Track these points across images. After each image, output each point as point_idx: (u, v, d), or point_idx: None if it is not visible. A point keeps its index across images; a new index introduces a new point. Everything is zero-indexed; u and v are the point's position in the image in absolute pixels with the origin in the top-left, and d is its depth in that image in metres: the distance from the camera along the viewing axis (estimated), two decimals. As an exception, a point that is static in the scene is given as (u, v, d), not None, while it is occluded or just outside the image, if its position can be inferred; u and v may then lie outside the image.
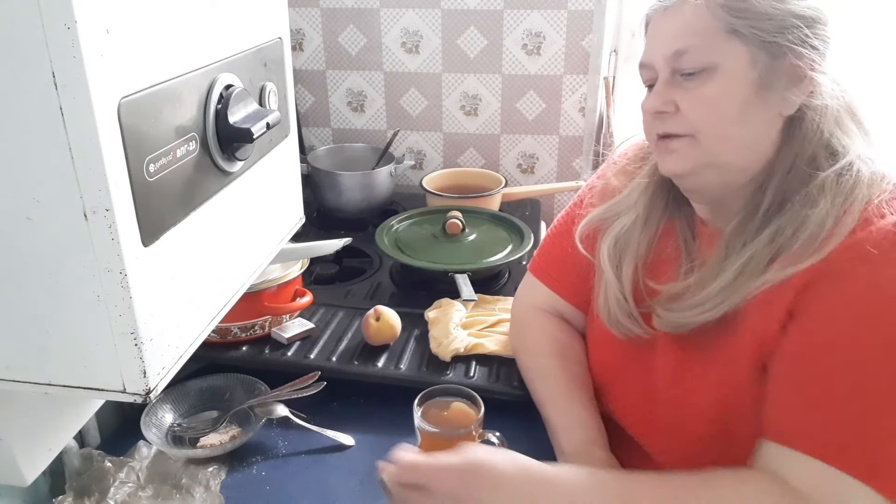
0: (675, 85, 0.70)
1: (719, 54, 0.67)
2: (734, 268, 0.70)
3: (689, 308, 0.73)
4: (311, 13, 1.60)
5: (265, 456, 0.89)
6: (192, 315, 0.60)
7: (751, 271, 0.69)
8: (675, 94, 0.70)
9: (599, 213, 0.86)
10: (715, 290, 0.71)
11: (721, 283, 0.71)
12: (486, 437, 0.80)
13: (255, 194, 0.71)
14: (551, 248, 0.97)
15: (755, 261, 0.69)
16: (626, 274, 0.81)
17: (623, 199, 0.85)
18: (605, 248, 0.83)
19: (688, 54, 0.68)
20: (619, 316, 0.81)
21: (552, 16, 1.51)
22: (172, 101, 0.53)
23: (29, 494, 0.82)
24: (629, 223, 0.82)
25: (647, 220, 0.82)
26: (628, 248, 0.82)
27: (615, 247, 0.83)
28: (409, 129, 1.69)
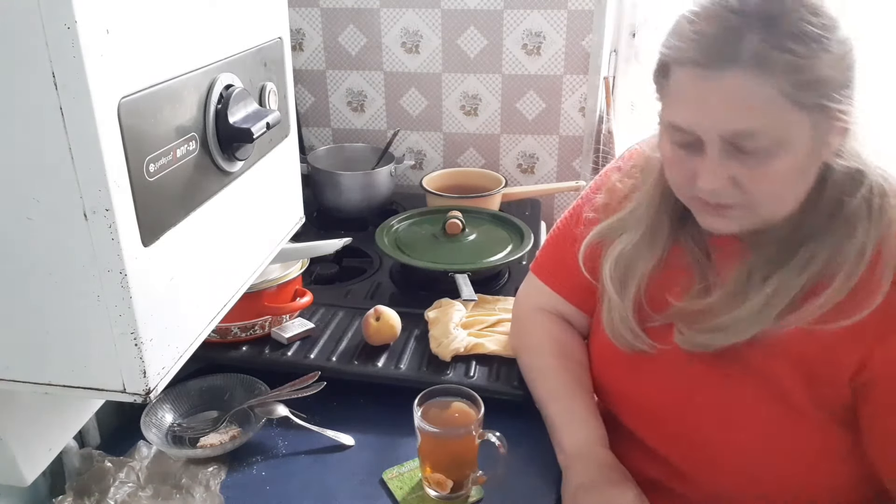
0: (730, 156, 0.65)
1: (785, 130, 0.63)
2: (763, 294, 0.70)
3: (715, 330, 0.73)
4: (311, 13, 1.60)
5: (265, 456, 0.89)
6: (192, 315, 0.60)
7: (781, 299, 0.69)
8: (732, 169, 0.65)
9: (602, 229, 0.84)
10: (744, 316, 0.70)
11: (750, 308, 0.70)
12: (486, 437, 0.81)
13: (255, 194, 0.71)
14: (554, 249, 0.97)
15: (787, 289, 0.69)
16: (630, 293, 0.80)
17: (626, 215, 0.82)
18: (608, 266, 0.82)
19: (754, 137, 0.63)
20: (623, 333, 0.80)
21: (552, 16, 1.51)
22: (172, 101, 0.53)
23: (29, 494, 0.82)
24: (633, 241, 0.80)
25: (654, 239, 0.79)
26: (632, 267, 0.80)
27: (617, 265, 0.81)
28: (409, 129, 1.69)
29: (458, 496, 0.82)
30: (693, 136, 0.66)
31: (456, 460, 0.82)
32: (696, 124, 0.65)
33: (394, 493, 0.83)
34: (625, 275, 0.81)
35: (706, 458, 0.79)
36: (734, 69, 0.61)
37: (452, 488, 0.81)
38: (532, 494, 0.84)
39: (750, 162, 0.64)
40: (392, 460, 0.88)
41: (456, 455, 0.82)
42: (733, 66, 0.61)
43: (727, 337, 0.72)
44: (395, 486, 0.84)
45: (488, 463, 0.83)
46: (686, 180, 0.70)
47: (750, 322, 0.70)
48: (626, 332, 0.80)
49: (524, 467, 0.86)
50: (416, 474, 0.85)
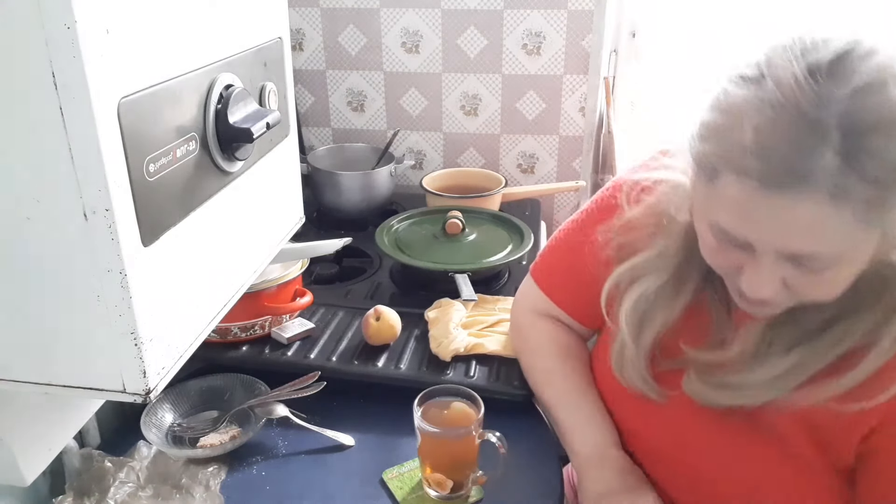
0: (782, 262, 0.59)
1: (853, 247, 0.57)
2: (785, 363, 0.66)
3: (725, 387, 0.70)
4: (311, 13, 1.60)
5: (265, 456, 0.89)
6: (192, 315, 0.60)
7: (802, 373, 0.65)
8: (785, 272, 0.60)
9: (623, 272, 0.78)
10: (758, 381, 0.67)
11: (766, 374, 0.66)
12: (486, 437, 0.81)
13: (255, 194, 0.71)
14: (558, 261, 0.94)
15: (811, 363, 0.65)
16: (646, 341, 0.76)
17: (651, 258, 0.75)
18: (626, 309, 0.76)
19: (818, 258, 0.57)
20: (632, 377, 0.77)
21: (552, 16, 1.51)
22: (172, 101, 0.53)
23: (29, 494, 0.82)
24: (656, 287, 0.75)
25: (679, 288, 0.74)
26: (651, 314, 0.75)
27: (635, 309, 0.76)
28: (409, 129, 1.69)
29: (458, 496, 0.82)
30: (744, 242, 0.60)
31: (456, 460, 0.82)
32: (750, 237, 0.59)
33: (394, 493, 0.83)
34: (642, 321, 0.76)
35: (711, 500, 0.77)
36: (804, 193, 0.53)
37: (452, 488, 0.81)
38: (532, 494, 0.84)
39: (808, 270, 0.58)
40: (392, 460, 0.88)
41: (456, 455, 0.82)
42: (803, 190, 0.53)
43: (734, 398, 0.69)
44: (395, 486, 0.84)
45: (488, 463, 0.83)
46: (729, 270, 0.64)
47: (762, 389, 0.67)
48: (636, 377, 0.77)
49: (524, 467, 0.86)
50: (416, 474, 0.85)
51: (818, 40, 0.55)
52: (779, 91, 0.54)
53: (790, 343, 0.67)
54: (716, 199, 0.60)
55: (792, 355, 0.66)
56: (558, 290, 0.93)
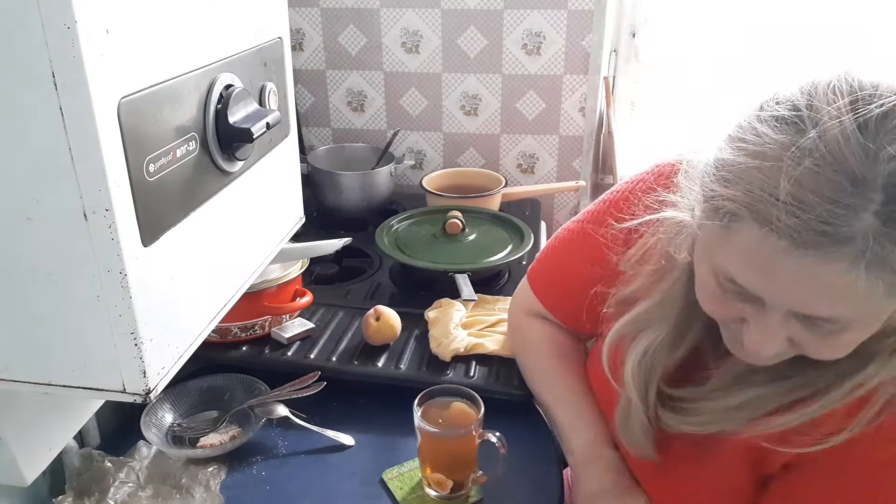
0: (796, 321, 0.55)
1: (874, 315, 0.53)
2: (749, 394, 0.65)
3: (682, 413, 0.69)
4: (311, 13, 1.60)
5: (265, 456, 0.89)
6: (192, 315, 0.60)
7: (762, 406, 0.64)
8: (793, 330, 0.56)
9: (624, 325, 0.74)
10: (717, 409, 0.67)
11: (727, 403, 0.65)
12: (486, 437, 0.81)
13: (255, 194, 0.71)
14: (554, 269, 0.93)
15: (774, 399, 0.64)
16: (652, 395, 0.72)
17: (651, 308, 0.71)
18: (630, 369, 0.72)
19: (836, 322, 0.53)
20: (640, 439, 0.73)
21: (552, 16, 1.51)
22: (172, 101, 0.53)
23: (29, 494, 0.82)
24: (658, 339, 0.70)
25: (682, 339, 0.70)
26: (655, 368, 0.71)
27: (640, 365, 0.71)
28: (409, 129, 1.69)
29: (458, 496, 0.82)
30: (753, 296, 0.55)
31: (456, 460, 0.82)
32: (764, 293, 0.54)
33: (394, 493, 0.83)
34: (649, 374, 0.71)
35: None
36: (834, 255, 0.48)
37: (452, 488, 0.81)
38: (532, 494, 0.84)
39: (818, 332, 0.55)
40: (392, 460, 0.88)
41: (456, 455, 0.82)
42: (834, 251, 0.48)
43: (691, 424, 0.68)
44: (395, 486, 0.84)
45: (488, 463, 0.83)
46: (731, 317, 0.60)
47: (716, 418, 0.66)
48: (643, 438, 0.73)
49: (524, 467, 0.86)
50: (416, 474, 0.85)
51: (866, 84, 0.50)
52: (823, 143, 0.48)
53: (758, 382, 0.65)
54: (729, 246, 0.55)
55: (755, 389, 0.64)
56: (552, 298, 0.93)
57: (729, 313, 0.59)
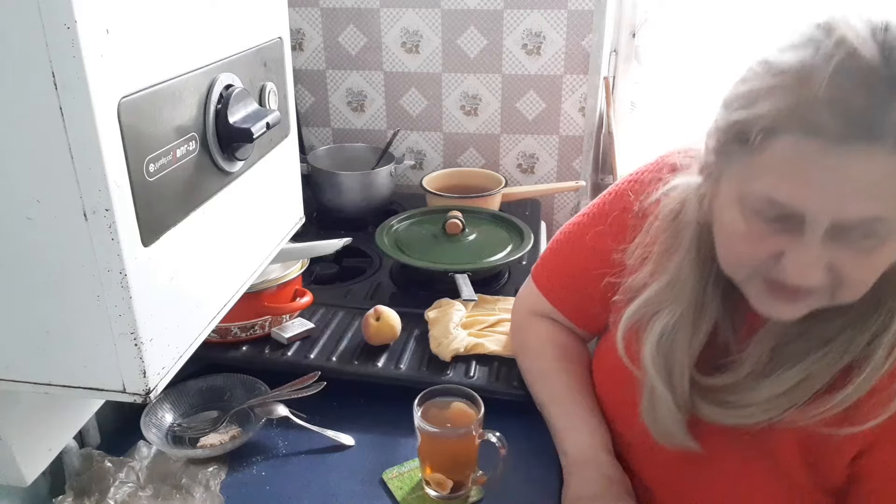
0: (833, 241, 0.55)
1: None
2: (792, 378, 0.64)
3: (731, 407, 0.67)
4: (311, 13, 1.60)
5: (265, 456, 0.89)
6: (192, 315, 0.60)
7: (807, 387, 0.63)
8: (832, 254, 0.56)
9: (636, 310, 0.74)
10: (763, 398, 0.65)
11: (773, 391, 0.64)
12: (486, 437, 0.81)
13: (255, 194, 0.71)
14: (558, 265, 0.93)
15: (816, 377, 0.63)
16: (681, 382, 0.69)
17: (662, 291, 0.71)
18: (648, 352, 0.71)
19: (879, 225, 0.53)
20: (669, 427, 0.71)
21: (552, 16, 1.51)
22: (172, 101, 0.53)
23: (29, 494, 0.81)
24: (671, 322, 0.70)
25: (699, 317, 0.69)
26: (675, 352, 0.70)
27: (658, 349, 0.70)
28: (409, 129, 1.69)
29: (458, 496, 0.82)
30: (792, 213, 0.56)
31: (456, 460, 0.82)
32: (806, 204, 0.54)
33: (394, 493, 0.83)
34: (669, 358, 0.70)
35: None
36: (874, 147, 0.50)
37: (452, 488, 0.81)
38: (532, 494, 0.84)
39: (858, 248, 0.55)
40: (392, 460, 0.88)
41: (456, 455, 0.82)
42: (874, 143, 0.50)
43: (738, 417, 0.67)
44: (395, 486, 0.84)
45: (488, 463, 0.83)
46: (764, 257, 0.59)
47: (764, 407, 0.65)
48: (674, 426, 0.70)
49: (524, 467, 0.86)
50: (416, 474, 0.85)
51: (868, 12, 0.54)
52: (844, 47, 0.51)
53: (795, 359, 0.64)
54: (764, 168, 0.56)
55: (797, 370, 0.64)
56: (558, 294, 0.93)
57: (765, 251, 0.59)
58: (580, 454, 0.81)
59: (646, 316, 0.73)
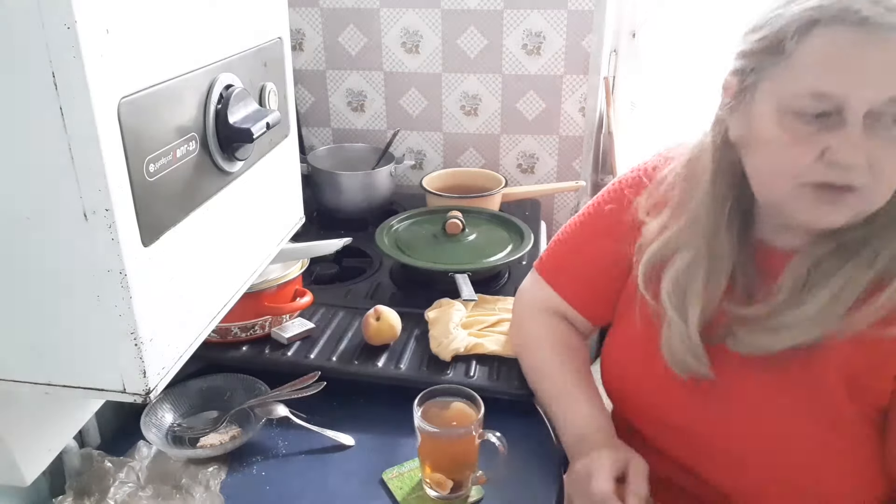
0: (869, 130, 0.60)
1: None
2: (830, 289, 0.68)
3: (779, 329, 0.70)
4: (311, 13, 1.60)
5: (265, 456, 0.89)
6: (192, 315, 0.60)
7: (850, 294, 0.67)
8: (871, 144, 0.61)
9: (655, 250, 0.79)
10: (811, 313, 0.68)
11: (818, 304, 0.68)
12: (486, 437, 0.81)
13: (255, 194, 0.71)
14: (566, 256, 0.95)
15: (855, 283, 0.67)
16: (694, 314, 0.75)
17: (681, 231, 0.77)
18: (665, 289, 0.77)
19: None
20: (684, 356, 0.75)
21: (552, 16, 1.51)
22: (172, 101, 0.53)
23: (29, 494, 0.81)
24: (689, 260, 0.75)
25: (713, 258, 0.74)
26: (691, 288, 0.75)
27: (676, 286, 0.76)
28: (409, 129, 1.69)
29: (458, 496, 0.82)
30: (831, 104, 0.61)
31: (456, 460, 0.82)
32: (849, 90, 0.59)
33: (394, 493, 0.83)
34: (685, 296, 0.75)
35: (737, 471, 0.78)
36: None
37: (452, 488, 0.81)
38: (532, 494, 0.84)
39: (891, 138, 0.61)
40: (392, 460, 0.88)
41: (456, 455, 0.82)
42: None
43: (791, 338, 0.69)
44: (395, 486, 0.84)
45: (488, 463, 0.83)
46: (809, 161, 0.63)
47: (814, 322, 0.68)
48: (688, 356, 0.75)
49: (524, 467, 0.86)
50: (416, 474, 0.85)
51: None
52: None
53: (831, 272, 0.69)
54: (802, 67, 0.61)
55: (835, 281, 0.68)
56: (567, 285, 0.94)
57: (809, 153, 0.63)
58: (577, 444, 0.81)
59: (665, 256, 0.78)
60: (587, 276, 0.91)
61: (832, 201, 0.64)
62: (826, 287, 0.68)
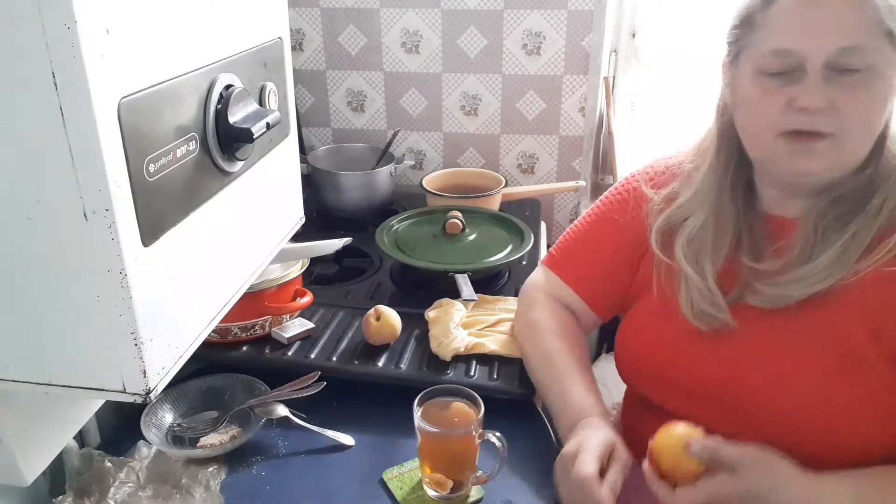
0: (827, 80, 0.69)
1: (880, 56, 0.68)
2: (842, 239, 0.73)
3: (796, 281, 0.75)
4: (311, 13, 1.60)
5: (265, 456, 0.89)
6: (192, 315, 0.60)
7: (859, 243, 0.72)
8: (830, 92, 0.69)
9: (670, 213, 0.86)
10: (828, 262, 0.73)
11: (833, 253, 0.73)
12: (486, 437, 0.81)
13: (255, 194, 0.71)
14: (575, 245, 0.98)
15: (864, 232, 0.72)
16: (707, 266, 0.81)
17: (691, 199, 0.84)
18: (679, 248, 0.84)
19: (857, 52, 0.67)
20: (704, 307, 0.80)
21: (552, 16, 1.51)
22: (172, 101, 0.53)
23: (29, 494, 0.82)
24: (699, 223, 0.83)
25: (720, 221, 0.81)
26: (704, 245, 0.82)
27: (689, 246, 0.83)
28: (409, 129, 1.69)
29: (458, 496, 0.82)
30: (793, 60, 0.69)
31: (456, 460, 0.82)
32: (804, 44, 0.69)
33: (394, 493, 0.83)
34: (698, 252, 0.82)
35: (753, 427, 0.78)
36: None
37: (452, 488, 0.81)
38: (532, 495, 0.84)
39: (846, 82, 0.68)
40: (392, 460, 0.88)
41: (456, 455, 0.82)
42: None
43: (808, 286, 0.74)
44: (395, 486, 0.84)
45: (488, 463, 0.83)
46: (778, 111, 0.72)
47: (830, 269, 0.73)
48: (707, 305, 0.80)
49: (524, 467, 0.86)
50: (416, 474, 0.85)
51: None
52: None
53: (838, 227, 0.74)
54: (767, 31, 0.72)
55: (842, 235, 0.73)
56: (575, 275, 0.96)
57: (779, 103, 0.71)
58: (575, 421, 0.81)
59: (678, 220, 0.86)
60: (597, 266, 0.94)
61: (805, 150, 0.72)
62: (835, 243, 0.74)
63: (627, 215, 0.91)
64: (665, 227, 0.87)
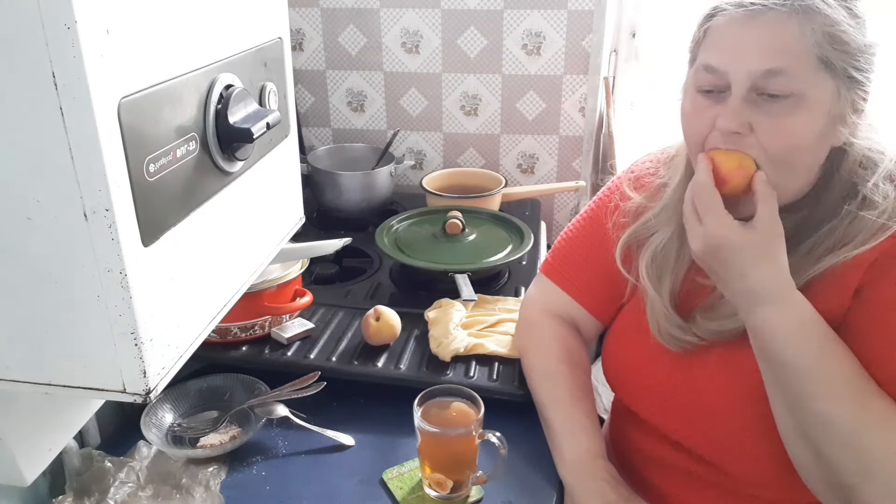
0: (752, 104, 0.67)
1: (809, 83, 0.65)
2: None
3: (724, 318, 0.75)
4: (311, 13, 1.60)
5: (265, 456, 0.89)
6: (192, 315, 0.60)
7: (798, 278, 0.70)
8: (752, 116, 0.67)
9: (633, 231, 0.86)
10: None
11: None
12: (486, 437, 0.81)
13: (255, 194, 0.71)
14: (570, 252, 0.96)
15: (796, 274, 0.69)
16: (666, 289, 0.81)
17: (655, 215, 0.84)
18: (644, 265, 0.83)
19: (780, 77, 0.65)
20: (668, 329, 0.80)
21: (552, 16, 1.52)
22: (172, 101, 0.53)
23: (29, 494, 0.82)
24: (665, 240, 0.82)
25: (683, 239, 0.79)
26: (666, 265, 0.82)
27: (653, 263, 0.82)
28: (409, 129, 1.69)
29: (458, 496, 0.82)
30: (721, 79, 0.68)
31: (456, 460, 0.82)
32: (729, 63, 0.68)
33: (394, 493, 0.83)
34: (661, 271, 0.82)
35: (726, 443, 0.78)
36: (776, 9, 0.65)
37: (452, 488, 0.81)
38: (532, 495, 0.84)
39: (770, 108, 0.66)
40: (392, 460, 0.88)
41: (456, 455, 0.82)
42: (776, 7, 0.65)
43: (735, 322, 0.74)
44: (395, 486, 0.84)
45: (488, 463, 0.83)
46: (704, 128, 0.71)
47: None
48: (671, 327, 0.80)
49: (524, 467, 0.86)
50: (416, 474, 0.85)
51: None
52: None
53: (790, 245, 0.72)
54: (705, 44, 0.71)
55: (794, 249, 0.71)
56: (575, 283, 0.95)
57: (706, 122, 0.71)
58: (577, 458, 0.81)
59: (643, 236, 0.85)
60: (593, 271, 0.93)
61: None
62: None
63: (613, 217, 0.91)
64: (633, 241, 0.86)
